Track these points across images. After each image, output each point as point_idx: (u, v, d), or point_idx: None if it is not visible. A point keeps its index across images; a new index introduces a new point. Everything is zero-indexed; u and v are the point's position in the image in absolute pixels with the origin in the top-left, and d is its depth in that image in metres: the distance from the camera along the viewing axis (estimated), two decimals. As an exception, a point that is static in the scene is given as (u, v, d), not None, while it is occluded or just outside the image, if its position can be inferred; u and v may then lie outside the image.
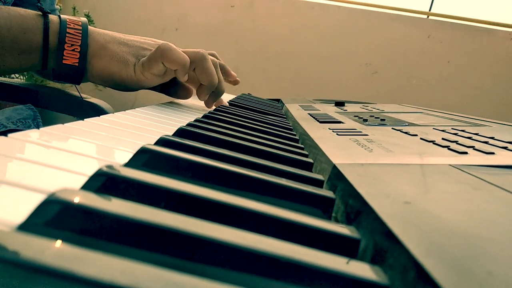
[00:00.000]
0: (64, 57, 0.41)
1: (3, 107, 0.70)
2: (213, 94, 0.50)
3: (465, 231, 0.14)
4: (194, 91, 0.55)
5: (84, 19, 0.43)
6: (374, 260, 0.14)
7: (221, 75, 0.51)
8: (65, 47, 0.41)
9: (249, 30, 2.35)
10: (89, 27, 0.43)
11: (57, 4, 0.83)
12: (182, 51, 0.45)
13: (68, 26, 0.41)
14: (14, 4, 0.69)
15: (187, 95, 0.55)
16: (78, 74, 0.42)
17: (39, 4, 0.41)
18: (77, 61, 0.41)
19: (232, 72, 0.64)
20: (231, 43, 2.36)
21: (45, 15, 0.41)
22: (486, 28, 2.15)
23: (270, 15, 2.33)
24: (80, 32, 0.41)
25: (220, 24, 2.37)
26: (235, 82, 0.62)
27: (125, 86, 0.46)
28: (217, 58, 0.63)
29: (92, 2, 2.43)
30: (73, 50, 0.41)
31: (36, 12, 0.41)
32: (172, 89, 0.54)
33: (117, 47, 0.44)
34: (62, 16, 0.42)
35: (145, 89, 0.55)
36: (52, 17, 0.41)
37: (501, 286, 0.10)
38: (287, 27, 2.31)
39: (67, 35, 0.41)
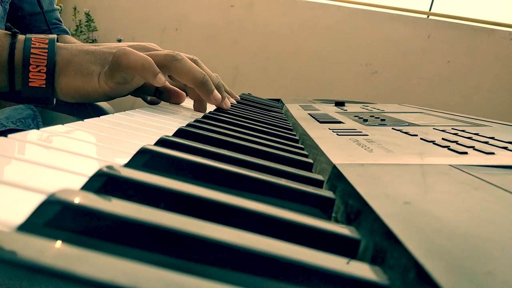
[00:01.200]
0: (30, 79, 0.38)
1: (3, 107, 0.70)
2: (203, 91, 0.44)
3: (465, 231, 0.14)
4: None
5: (52, 36, 0.40)
6: (374, 260, 0.14)
7: (206, 69, 0.47)
8: (30, 68, 0.38)
9: (249, 30, 2.35)
10: (57, 44, 0.40)
11: (57, 4, 0.82)
12: (151, 53, 0.41)
13: (32, 45, 0.38)
14: (11, 4, 0.69)
15: (178, 99, 0.53)
16: (47, 96, 0.40)
17: (8, 24, 0.40)
18: (44, 82, 0.39)
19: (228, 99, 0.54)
20: (231, 43, 2.36)
21: (13, 34, 0.39)
22: (486, 28, 2.15)
23: (270, 15, 2.33)
24: (46, 51, 0.39)
25: (220, 24, 2.37)
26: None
27: (94, 99, 0.43)
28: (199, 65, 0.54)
29: (92, 2, 2.43)
30: (39, 71, 0.38)
31: (5, 31, 0.39)
32: (163, 94, 0.52)
33: (82, 59, 0.41)
34: (29, 35, 0.40)
35: (136, 96, 0.54)
36: (21, 37, 0.39)
37: (501, 286, 0.10)
38: (287, 27, 2.31)
39: (31, 55, 0.38)
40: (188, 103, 0.59)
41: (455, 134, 0.38)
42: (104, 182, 0.15)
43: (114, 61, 0.39)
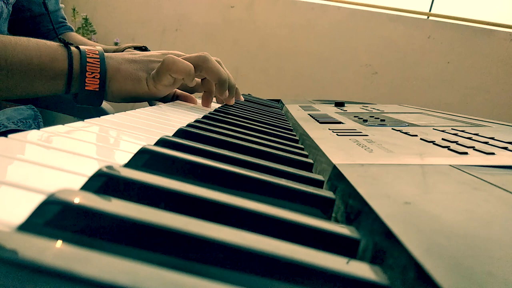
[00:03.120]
0: (86, 84, 0.45)
1: (4, 107, 0.70)
2: (222, 88, 0.54)
3: (465, 231, 0.14)
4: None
5: (99, 48, 0.48)
6: (374, 260, 0.14)
7: (226, 71, 0.56)
8: (86, 75, 0.45)
9: (249, 30, 2.35)
10: (105, 53, 0.48)
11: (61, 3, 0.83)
12: (185, 57, 0.50)
13: (87, 56, 0.46)
14: (21, 5, 0.70)
15: (191, 102, 0.60)
16: (98, 98, 0.47)
17: (61, 37, 0.47)
18: (98, 87, 0.46)
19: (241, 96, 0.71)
20: (231, 43, 2.36)
21: (67, 46, 0.46)
22: (486, 29, 2.15)
23: (270, 15, 2.33)
24: (98, 60, 0.46)
25: (220, 24, 2.37)
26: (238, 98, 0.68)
27: (142, 99, 0.52)
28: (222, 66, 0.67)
29: (92, 2, 2.43)
30: (94, 77, 0.46)
31: (58, 43, 0.46)
32: (179, 98, 0.60)
33: (129, 67, 0.49)
34: (80, 46, 0.47)
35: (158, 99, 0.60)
36: (73, 48, 0.46)
37: (501, 286, 0.10)
38: (287, 27, 2.31)
39: (87, 64, 0.45)
40: (188, 104, 0.59)
41: (455, 134, 0.38)
42: (104, 182, 0.16)
43: (164, 67, 0.48)
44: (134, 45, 0.67)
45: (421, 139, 0.35)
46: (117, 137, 0.27)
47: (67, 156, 0.20)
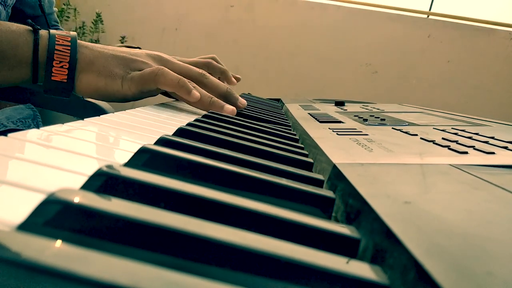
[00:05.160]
0: (52, 74, 0.41)
1: (3, 107, 0.70)
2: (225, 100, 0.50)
3: (465, 231, 0.14)
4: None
5: (74, 33, 0.43)
6: (374, 260, 0.14)
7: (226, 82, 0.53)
8: (54, 63, 0.40)
9: (249, 30, 2.35)
10: (78, 41, 0.43)
11: (55, 7, 0.83)
12: (180, 60, 0.46)
13: (56, 42, 0.41)
14: (13, 7, 0.69)
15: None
16: (66, 90, 0.42)
17: (29, 21, 0.41)
18: (66, 78, 0.41)
19: (233, 79, 0.67)
20: (231, 43, 2.36)
21: (35, 31, 0.41)
22: (486, 28, 2.15)
23: (270, 15, 2.33)
24: (69, 48, 0.41)
25: (220, 24, 2.37)
26: (236, 80, 0.66)
27: (112, 99, 0.46)
28: (218, 62, 0.65)
29: (92, 2, 2.43)
30: (61, 66, 0.41)
31: (27, 27, 0.41)
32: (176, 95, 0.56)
33: (105, 61, 0.44)
34: (52, 31, 0.42)
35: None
36: (43, 33, 0.41)
37: (501, 286, 0.10)
38: (287, 27, 2.31)
39: (55, 52, 0.40)
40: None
41: (455, 133, 0.38)
42: (104, 182, 0.15)
43: (151, 77, 0.44)
44: (127, 46, 0.65)
45: (421, 138, 0.35)
46: (117, 136, 0.27)
47: (66, 155, 0.20)
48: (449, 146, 0.30)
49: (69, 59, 0.41)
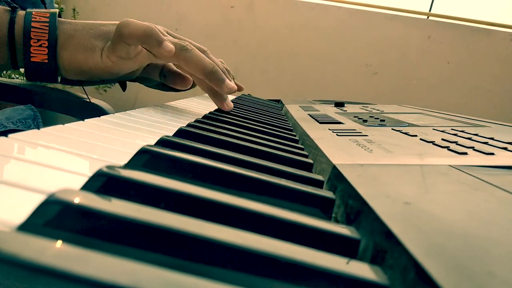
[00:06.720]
0: (31, 54, 0.37)
1: (3, 107, 0.70)
2: (215, 81, 0.43)
3: (465, 232, 0.14)
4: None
5: (54, 10, 0.39)
6: (374, 260, 0.14)
7: (215, 60, 0.46)
8: (31, 43, 0.37)
9: (249, 30, 2.35)
10: (59, 19, 0.39)
11: (56, 3, 0.82)
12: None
13: (33, 19, 0.37)
14: (14, 2, 0.69)
15: (184, 83, 0.51)
16: (50, 72, 0.38)
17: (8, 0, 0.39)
18: (46, 58, 0.37)
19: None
20: (231, 43, 2.36)
21: (13, 9, 0.38)
22: (486, 29, 2.15)
23: (270, 15, 2.33)
24: (47, 25, 0.37)
25: (220, 24, 2.37)
26: (239, 89, 0.56)
27: (97, 76, 0.42)
28: (209, 56, 0.58)
29: (92, 2, 2.43)
30: (40, 45, 0.37)
31: (4, 7, 0.38)
32: (167, 78, 0.51)
33: (85, 34, 0.40)
34: (29, 10, 0.38)
35: (147, 86, 0.54)
36: (20, 12, 0.38)
37: (501, 286, 0.10)
38: (287, 27, 2.31)
39: (32, 29, 0.37)
40: (189, 104, 0.59)
41: (455, 134, 0.38)
42: (104, 182, 0.15)
43: (116, 32, 0.38)
44: None
45: (420, 139, 0.35)
46: (117, 137, 0.27)
47: (67, 156, 0.20)
48: (449, 147, 0.30)
49: (48, 36, 0.37)
